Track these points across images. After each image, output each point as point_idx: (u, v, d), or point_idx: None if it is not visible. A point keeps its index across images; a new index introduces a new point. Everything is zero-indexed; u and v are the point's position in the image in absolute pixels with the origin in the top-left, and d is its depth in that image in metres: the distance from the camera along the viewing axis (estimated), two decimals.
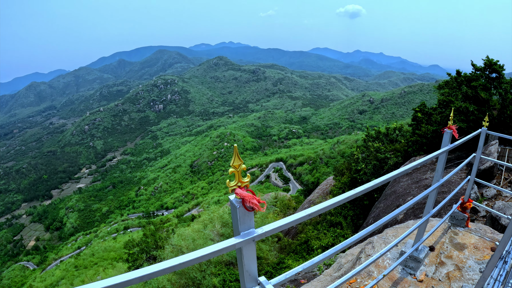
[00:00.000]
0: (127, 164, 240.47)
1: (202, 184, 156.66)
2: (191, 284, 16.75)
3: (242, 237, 2.44)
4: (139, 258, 25.76)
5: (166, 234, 29.05)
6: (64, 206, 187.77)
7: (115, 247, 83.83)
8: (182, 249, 19.43)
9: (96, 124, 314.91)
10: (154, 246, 26.11)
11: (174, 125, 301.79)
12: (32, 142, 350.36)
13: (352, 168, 22.76)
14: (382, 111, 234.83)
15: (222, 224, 21.18)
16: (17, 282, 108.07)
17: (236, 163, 2.44)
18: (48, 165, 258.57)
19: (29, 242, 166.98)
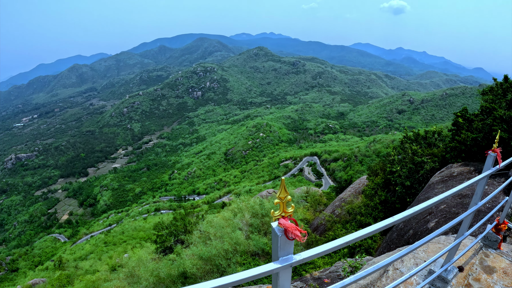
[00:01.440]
0: (163, 147, 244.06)
1: (235, 173, 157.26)
2: (216, 271, 16.83)
3: (280, 262, 2.41)
4: (167, 240, 25.96)
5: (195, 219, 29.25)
6: (98, 184, 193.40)
7: (144, 227, 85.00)
8: (210, 235, 19.54)
9: (134, 107, 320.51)
10: (183, 230, 26.24)
11: (211, 112, 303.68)
12: (72, 121, 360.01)
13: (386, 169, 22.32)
14: (422, 112, 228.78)
15: (252, 215, 21.08)
16: (48, 253, 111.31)
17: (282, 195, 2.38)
18: (86, 144, 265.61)
19: (63, 216, 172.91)
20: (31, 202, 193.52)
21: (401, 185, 18.97)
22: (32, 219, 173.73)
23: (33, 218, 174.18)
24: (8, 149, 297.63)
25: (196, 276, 16.79)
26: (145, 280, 17.37)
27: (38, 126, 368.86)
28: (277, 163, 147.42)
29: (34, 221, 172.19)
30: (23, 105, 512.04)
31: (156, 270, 17.46)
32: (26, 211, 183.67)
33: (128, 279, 19.54)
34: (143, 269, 18.41)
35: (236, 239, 17.96)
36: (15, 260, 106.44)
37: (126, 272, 20.15)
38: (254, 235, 18.93)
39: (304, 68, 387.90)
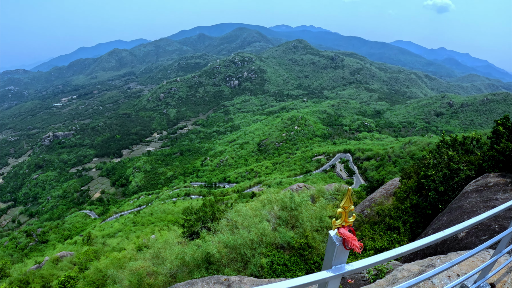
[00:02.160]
0: (197, 134, 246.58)
1: (266, 164, 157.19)
2: (240, 260, 16.81)
3: (333, 271, 2.41)
4: (195, 225, 26.07)
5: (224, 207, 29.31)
6: (132, 165, 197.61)
7: (173, 210, 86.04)
8: (237, 224, 19.53)
9: (171, 93, 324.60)
10: (211, 217, 26.32)
11: (247, 102, 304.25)
12: (109, 103, 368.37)
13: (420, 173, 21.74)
14: (461, 117, 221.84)
15: (281, 207, 20.90)
16: (77, 228, 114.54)
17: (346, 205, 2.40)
18: (122, 126, 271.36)
19: (95, 193, 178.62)
20: (65, 178, 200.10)
21: (434, 191, 18.42)
22: (65, 195, 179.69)
23: (66, 194, 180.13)
24: (47, 127, 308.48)
25: (220, 263, 16.81)
26: (169, 263, 17.51)
27: (77, 107, 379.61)
28: (309, 158, 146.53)
29: (67, 197, 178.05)
30: (63, 86, 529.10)
31: (181, 253, 17.54)
32: (60, 187, 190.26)
33: (153, 260, 19.76)
34: (169, 251, 18.56)
35: (263, 230, 17.84)
36: (46, 232, 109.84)
37: (152, 253, 20.38)
38: (281, 228, 18.78)
39: (343, 63, 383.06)
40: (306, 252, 17.77)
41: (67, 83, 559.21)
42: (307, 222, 19.47)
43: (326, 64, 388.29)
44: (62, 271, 42.86)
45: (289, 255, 17.54)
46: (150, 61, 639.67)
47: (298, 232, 19.08)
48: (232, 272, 16.08)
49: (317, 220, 19.97)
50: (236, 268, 16.49)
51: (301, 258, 17.56)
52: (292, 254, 17.67)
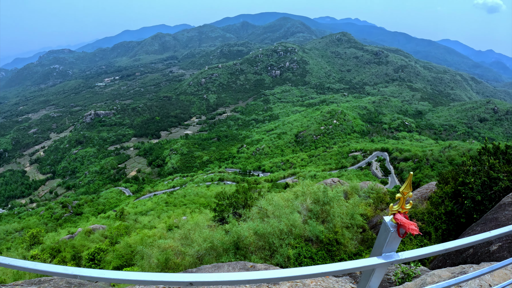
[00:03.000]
0: (235, 121, 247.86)
1: (302, 156, 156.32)
2: (267, 248, 16.79)
3: (383, 258, 2.36)
4: (226, 210, 26.15)
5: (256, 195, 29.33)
6: (169, 147, 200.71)
7: (206, 194, 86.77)
8: (268, 213, 19.51)
9: (212, 79, 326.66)
10: (243, 204, 26.35)
11: (288, 92, 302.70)
12: (150, 85, 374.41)
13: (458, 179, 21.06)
14: (505, 125, 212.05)
15: (313, 200, 20.70)
16: (111, 203, 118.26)
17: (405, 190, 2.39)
18: (162, 108, 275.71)
19: (131, 172, 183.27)
20: (103, 155, 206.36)
21: (470, 199, 17.75)
22: (102, 171, 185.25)
23: (103, 170, 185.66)
24: (89, 105, 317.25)
25: (248, 249, 16.84)
26: (197, 245, 17.61)
27: (119, 87, 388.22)
28: (346, 153, 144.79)
29: (103, 173, 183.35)
30: (106, 67, 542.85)
31: (210, 237, 17.64)
32: (98, 163, 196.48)
33: (182, 240, 19.93)
34: (198, 233, 18.65)
35: (293, 221, 17.72)
36: (81, 205, 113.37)
37: (182, 234, 20.53)
38: (311, 221, 18.65)
39: (387, 60, 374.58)
40: (334, 248, 17.60)
41: (110, 64, 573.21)
42: (338, 218, 19.28)
43: (370, 59, 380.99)
44: (93, 243, 44.06)
45: (316, 249, 17.43)
46: (192, 47, 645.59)
47: (328, 227, 18.91)
48: (259, 260, 16.09)
49: (348, 217, 19.77)
50: (263, 256, 16.50)
51: (328, 254, 17.40)
52: (319, 248, 17.54)
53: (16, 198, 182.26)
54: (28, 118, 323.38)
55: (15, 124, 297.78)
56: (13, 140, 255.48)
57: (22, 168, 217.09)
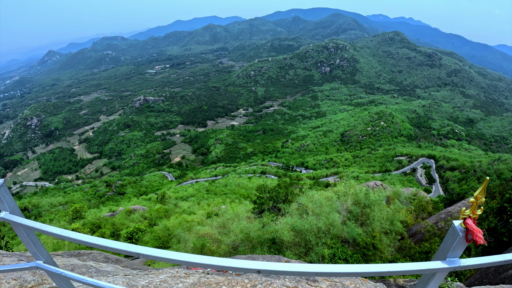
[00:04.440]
0: (282, 115, 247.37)
1: (347, 156, 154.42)
2: (303, 245, 16.59)
3: (447, 263, 2.30)
4: (266, 204, 26.06)
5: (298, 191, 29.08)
6: (214, 136, 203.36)
7: (247, 186, 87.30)
8: (308, 210, 19.26)
9: (261, 72, 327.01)
10: (283, 199, 26.20)
11: (337, 90, 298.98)
12: (200, 75, 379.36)
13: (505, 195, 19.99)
14: None
15: (354, 202, 20.38)
16: (154, 186, 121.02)
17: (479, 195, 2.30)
18: (210, 98, 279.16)
19: (175, 157, 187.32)
20: (150, 140, 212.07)
21: None
22: (147, 155, 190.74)
23: (148, 154, 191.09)
24: (139, 90, 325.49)
25: (283, 244, 16.69)
26: (234, 235, 17.59)
27: (169, 75, 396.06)
28: (391, 157, 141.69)
29: (149, 157, 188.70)
30: (158, 55, 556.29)
31: (247, 228, 17.57)
32: (144, 147, 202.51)
33: (220, 229, 19.99)
34: (236, 224, 18.63)
35: (332, 221, 17.46)
36: (124, 185, 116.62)
37: (220, 222, 20.62)
38: (350, 222, 18.32)
39: (440, 62, 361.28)
40: (370, 252, 17.21)
41: (161, 53, 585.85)
42: (377, 222, 18.84)
43: (422, 61, 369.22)
44: (133, 222, 45.06)
45: (352, 252, 17.12)
46: (243, 39, 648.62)
47: (366, 230, 18.53)
48: (293, 256, 15.96)
49: (387, 222, 19.28)
50: (298, 252, 16.36)
51: (363, 258, 17.04)
52: (355, 251, 17.23)
53: (63, 174, 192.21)
54: (79, 100, 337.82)
55: (67, 105, 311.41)
56: (64, 119, 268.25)
57: (71, 147, 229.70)
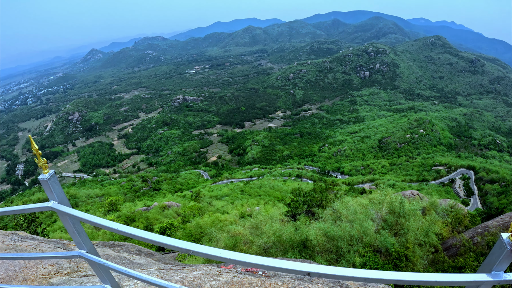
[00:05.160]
0: (320, 119, 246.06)
1: (384, 163, 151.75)
2: (334, 252, 16.53)
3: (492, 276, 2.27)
4: (299, 207, 25.99)
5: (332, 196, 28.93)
6: (251, 138, 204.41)
7: (282, 188, 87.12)
8: (341, 216, 19.15)
9: (300, 75, 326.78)
10: (317, 203, 26.10)
11: (376, 95, 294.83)
12: (239, 76, 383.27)
13: None
14: None
15: (389, 211, 20.13)
16: (189, 184, 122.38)
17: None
18: (248, 99, 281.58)
19: (211, 157, 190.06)
20: (187, 138, 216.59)
21: None
22: (184, 153, 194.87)
23: (185, 152, 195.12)
24: (178, 90, 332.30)
25: (314, 249, 16.67)
26: (266, 237, 17.66)
27: (208, 76, 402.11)
28: (429, 166, 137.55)
29: (185, 155, 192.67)
30: (197, 55, 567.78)
31: (279, 231, 17.63)
32: (181, 145, 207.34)
33: (252, 230, 20.09)
34: (269, 226, 18.70)
35: (366, 229, 17.25)
36: (160, 181, 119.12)
37: (253, 223, 20.69)
38: (384, 231, 18.04)
39: (483, 69, 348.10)
40: (402, 263, 16.96)
41: (201, 53, 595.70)
42: (411, 233, 18.47)
43: (464, 67, 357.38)
44: (166, 218, 45.89)
45: (384, 262, 16.92)
46: (282, 41, 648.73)
47: (400, 240, 18.19)
48: (324, 262, 15.92)
49: (422, 234, 18.90)
50: (329, 258, 16.31)
51: (395, 269, 16.72)
52: (387, 261, 17.01)
53: (101, 167, 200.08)
54: (120, 97, 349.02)
55: (108, 101, 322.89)
56: (104, 115, 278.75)
57: (110, 141, 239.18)
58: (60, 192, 3.06)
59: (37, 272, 7.15)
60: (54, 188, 3.00)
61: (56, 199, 3.03)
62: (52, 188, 3.00)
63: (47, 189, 3.02)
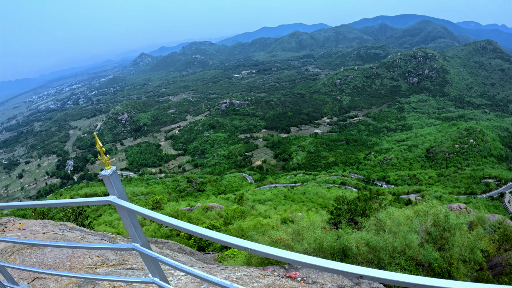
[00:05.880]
0: (367, 126, 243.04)
1: (431, 173, 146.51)
2: (375, 263, 16.47)
3: None
4: (343, 215, 25.97)
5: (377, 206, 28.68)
6: (297, 143, 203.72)
7: (325, 195, 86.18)
8: (385, 227, 18.99)
9: (347, 81, 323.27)
10: (361, 212, 26.00)
11: (424, 103, 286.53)
12: (285, 81, 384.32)
13: None
14: None
15: (434, 223, 19.75)
16: (233, 187, 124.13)
17: None
18: (294, 104, 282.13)
19: (256, 161, 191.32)
20: (233, 141, 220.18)
21: None
22: (229, 156, 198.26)
23: (230, 155, 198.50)
24: (225, 94, 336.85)
25: (355, 259, 16.65)
26: (307, 243, 17.77)
27: (255, 80, 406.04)
28: (478, 178, 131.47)
29: (230, 158, 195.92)
30: (244, 60, 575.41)
31: (321, 238, 17.66)
32: (227, 148, 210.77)
33: (294, 235, 20.23)
34: (310, 232, 18.75)
35: (409, 242, 17.01)
36: (204, 183, 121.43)
37: (294, 229, 20.79)
38: (428, 245, 17.67)
39: None
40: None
41: (248, 58, 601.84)
42: (456, 248, 17.96)
43: None
44: (209, 219, 46.67)
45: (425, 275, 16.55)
46: (329, 46, 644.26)
47: (444, 255, 17.79)
48: None
49: (467, 250, 18.28)
50: None
51: None
52: (427, 275, 16.72)
53: (148, 167, 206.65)
54: (168, 99, 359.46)
55: (156, 104, 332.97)
56: (153, 117, 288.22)
57: (157, 142, 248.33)
58: (120, 187, 3.28)
59: (84, 262, 7.74)
60: (115, 183, 3.21)
61: (116, 193, 3.25)
62: (113, 183, 3.20)
63: (108, 184, 3.22)
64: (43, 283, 6.58)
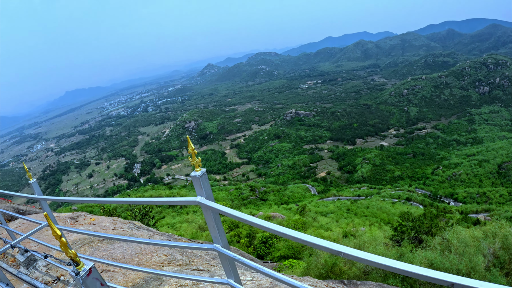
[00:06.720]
0: (435, 139, 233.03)
1: (502, 191, 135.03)
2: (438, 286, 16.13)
3: None
4: (407, 233, 25.57)
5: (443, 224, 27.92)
6: (362, 155, 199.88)
7: (390, 211, 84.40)
8: (451, 248, 18.48)
9: (415, 91, 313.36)
10: (426, 230, 25.51)
11: (496, 114, 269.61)
12: (351, 92, 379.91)
13: None
14: None
15: (502, 246, 18.76)
16: (296, 197, 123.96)
17: None
18: (360, 115, 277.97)
19: (320, 172, 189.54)
20: (297, 152, 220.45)
21: None
22: (294, 166, 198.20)
23: (295, 166, 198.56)
24: (290, 104, 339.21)
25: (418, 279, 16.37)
26: None
27: (320, 91, 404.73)
28: None
29: (295, 168, 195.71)
30: (310, 70, 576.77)
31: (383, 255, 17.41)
32: (291, 158, 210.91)
33: None
34: (372, 248, 18.73)
35: (475, 264, 16.34)
36: (267, 192, 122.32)
37: (356, 244, 20.70)
38: (495, 269, 16.80)
39: None
40: None
41: (313, 68, 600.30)
42: None
43: None
44: None
45: None
46: (395, 55, 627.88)
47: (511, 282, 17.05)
48: None
49: None
50: None
51: None
52: None
53: (212, 173, 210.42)
54: (234, 109, 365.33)
55: (222, 113, 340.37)
56: (219, 125, 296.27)
57: (222, 150, 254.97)
58: (208, 189, 3.53)
59: (152, 259, 8.20)
60: (204, 184, 3.47)
61: (204, 195, 3.51)
62: (202, 184, 3.46)
63: (197, 185, 3.48)
64: (111, 276, 7.11)
